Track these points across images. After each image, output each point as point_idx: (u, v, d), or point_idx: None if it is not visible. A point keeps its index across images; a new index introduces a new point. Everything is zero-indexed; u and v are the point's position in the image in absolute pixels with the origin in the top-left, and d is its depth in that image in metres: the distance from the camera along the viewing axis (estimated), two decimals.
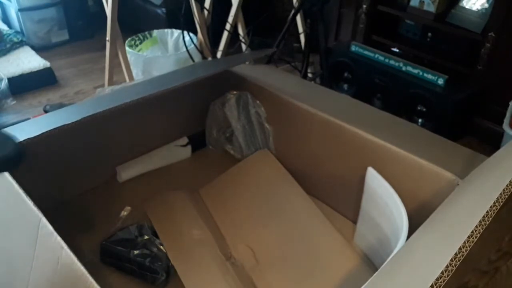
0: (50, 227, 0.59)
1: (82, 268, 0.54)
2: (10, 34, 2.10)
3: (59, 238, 0.58)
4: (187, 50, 1.70)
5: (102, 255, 0.82)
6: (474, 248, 0.39)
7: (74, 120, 0.76)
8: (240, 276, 0.80)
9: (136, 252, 0.79)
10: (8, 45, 2.05)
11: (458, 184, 0.70)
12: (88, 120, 0.77)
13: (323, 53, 1.89)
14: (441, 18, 1.66)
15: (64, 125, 0.75)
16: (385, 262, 0.50)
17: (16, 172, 0.65)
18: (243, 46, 1.83)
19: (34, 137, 0.74)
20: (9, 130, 0.78)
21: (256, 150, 1.06)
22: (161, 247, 0.81)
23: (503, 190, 0.45)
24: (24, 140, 0.71)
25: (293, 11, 1.69)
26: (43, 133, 0.74)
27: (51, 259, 0.59)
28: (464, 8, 1.62)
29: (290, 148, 1.00)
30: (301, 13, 1.77)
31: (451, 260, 0.37)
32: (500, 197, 0.44)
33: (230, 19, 1.74)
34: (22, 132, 0.74)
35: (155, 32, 1.92)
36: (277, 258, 0.85)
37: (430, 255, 0.44)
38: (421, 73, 1.61)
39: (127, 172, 1.01)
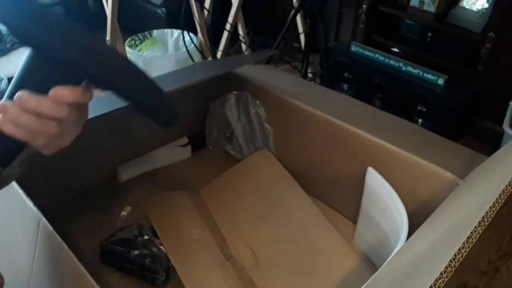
0: (50, 227, 0.59)
1: (82, 268, 0.54)
2: (10, 34, 2.10)
3: (59, 238, 0.58)
4: (187, 50, 1.70)
5: (102, 255, 0.82)
6: (474, 248, 0.39)
7: None
8: (240, 276, 0.80)
9: (136, 252, 0.79)
10: (8, 45, 2.05)
11: (458, 184, 0.70)
12: (88, 121, 0.77)
13: (323, 53, 1.89)
14: (441, 18, 1.66)
15: None
16: (385, 262, 0.50)
17: None
18: (243, 46, 1.83)
19: None
20: None
21: (256, 150, 1.06)
22: (161, 247, 0.81)
23: (503, 190, 0.45)
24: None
25: (293, 11, 1.69)
26: None
27: (51, 259, 0.59)
28: (464, 8, 1.62)
29: (290, 148, 1.00)
30: (301, 13, 1.77)
31: (451, 260, 0.37)
32: (500, 197, 0.44)
33: (230, 19, 1.74)
34: None
35: (155, 32, 1.92)
36: (277, 258, 0.85)
37: (430, 255, 0.44)
38: (421, 73, 1.61)
39: (127, 172, 1.01)
